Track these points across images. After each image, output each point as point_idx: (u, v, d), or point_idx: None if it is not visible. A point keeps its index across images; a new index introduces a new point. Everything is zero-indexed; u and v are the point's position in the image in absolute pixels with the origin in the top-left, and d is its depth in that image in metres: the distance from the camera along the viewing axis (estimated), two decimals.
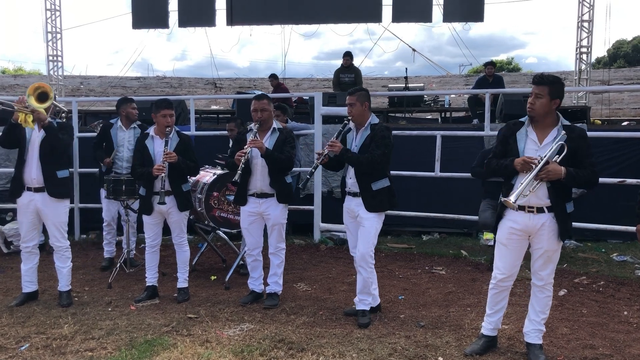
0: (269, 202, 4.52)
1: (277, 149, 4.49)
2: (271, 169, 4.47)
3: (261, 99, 4.56)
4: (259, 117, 4.50)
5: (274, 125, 4.59)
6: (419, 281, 5.38)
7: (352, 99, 4.15)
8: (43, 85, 4.39)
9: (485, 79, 10.31)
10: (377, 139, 4.07)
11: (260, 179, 4.50)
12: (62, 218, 4.59)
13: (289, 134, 4.62)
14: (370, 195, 4.07)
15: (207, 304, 4.67)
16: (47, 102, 4.35)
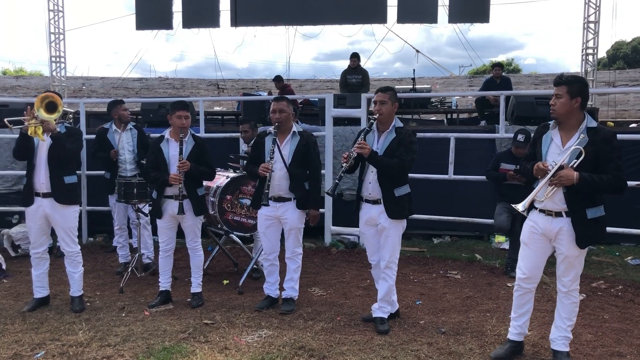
0: (286, 206, 4.44)
1: (300, 155, 4.39)
2: (293, 175, 4.37)
3: (280, 100, 4.48)
4: (277, 119, 4.41)
5: (294, 129, 4.48)
6: (435, 286, 5.30)
7: (385, 96, 3.97)
8: (51, 95, 4.29)
9: (492, 80, 10.25)
10: (405, 144, 3.96)
11: (278, 183, 4.40)
12: (71, 223, 4.52)
13: (310, 139, 4.49)
14: (393, 202, 3.97)
15: (222, 309, 4.59)
16: (55, 112, 4.25)
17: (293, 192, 4.41)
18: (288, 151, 4.43)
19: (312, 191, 4.48)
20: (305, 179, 4.49)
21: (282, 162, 4.40)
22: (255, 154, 4.58)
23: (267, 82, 18.69)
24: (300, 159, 4.43)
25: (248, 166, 4.65)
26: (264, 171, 4.33)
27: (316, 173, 4.52)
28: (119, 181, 5.36)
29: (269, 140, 4.43)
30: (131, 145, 5.87)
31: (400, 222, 4.03)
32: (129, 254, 6.00)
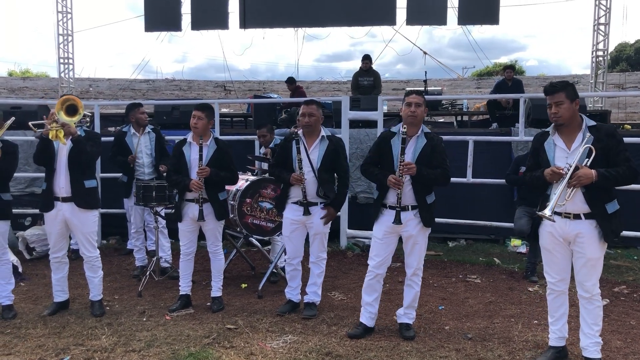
0: (313, 210, 4.39)
1: (328, 159, 4.34)
2: (321, 180, 4.33)
3: (310, 103, 4.44)
4: (307, 122, 4.37)
5: (322, 133, 4.43)
6: (455, 290, 5.26)
7: (420, 99, 3.88)
8: (72, 98, 4.23)
9: (504, 82, 10.18)
10: (440, 150, 3.89)
11: (305, 186, 4.36)
12: (91, 228, 4.48)
13: (339, 143, 4.45)
14: (425, 209, 3.89)
15: (243, 313, 4.56)
16: (76, 115, 4.20)
17: (321, 197, 4.37)
18: (317, 156, 4.38)
19: (339, 194, 4.46)
20: (333, 183, 4.45)
21: (310, 167, 4.37)
22: (282, 157, 4.53)
23: (274, 83, 18.70)
24: (329, 163, 4.39)
25: (274, 169, 4.59)
26: (296, 182, 4.31)
27: (344, 178, 4.49)
28: (138, 184, 5.32)
29: (295, 145, 4.39)
30: (149, 148, 5.83)
31: (429, 229, 3.97)
32: (146, 257, 5.96)
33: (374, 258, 4.02)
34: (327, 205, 4.40)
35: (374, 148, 4.07)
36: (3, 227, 4.41)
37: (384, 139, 4.02)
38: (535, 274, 5.62)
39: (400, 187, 3.77)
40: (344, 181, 4.49)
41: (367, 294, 4.08)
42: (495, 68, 33.91)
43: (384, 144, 3.99)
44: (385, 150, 3.96)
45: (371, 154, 4.09)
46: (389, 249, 4.00)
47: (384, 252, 4.00)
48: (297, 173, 4.33)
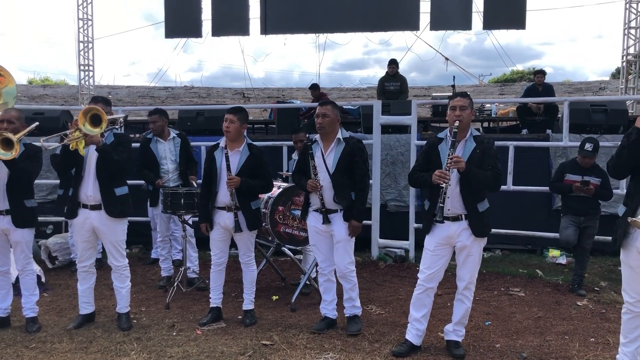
0: (333, 218, 4.12)
1: (344, 163, 4.07)
2: (337, 185, 4.07)
3: (325, 104, 4.19)
4: (320, 123, 4.11)
5: (339, 135, 4.16)
6: (499, 304, 4.96)
7: (466, 101, 3.63)
8: (95, 108, 3.97)
9: (534, 87, 9.89)
10: (492, 154, 3.63)
11: (322, 193, 4.10)
12: (120, 237, 4.28)
13: (356, 145, 4.14)
14: (477, 218, 3.62)
15: (277, 328, 4.31)
16: (100, 125, 3.94)
17: (338, 202, 4.10)
18: (332, 159, 4.11)
19: (356, 201, 4.13)
20: (351, 188, 4.15)
21: (325, 171, 4.11)
22: (302, 163, 4.31)
23: (293, 90, 18.56)
24: (345, 167, 4.09)
25: (295, 176, 4.38)
26: (312, 189, 4.09)
27: (362, 182, 4.14)
28: (165, 191, 5.11)
29: (315, 148, 4.16)
30: (174, 154, 5.64)
31: (483, 239, 3.70)
32: (172, 267, 5.75)
33: (424, 271, 3.75)
34: (347, 218, 4.09)
35: (423, 156, 3.83)
36: (28, 235, 4.22)
37: (431, 145, 3.78)
38: (583, 287, 5.31)
39: (446, 180, 3.49)
40: (361, 186, 4.14)
41: (415, 309, 3.81)
42: (512, 75, 33.56)
43: (431, 150, 3.75)
44: (433, 158, 3.72)
45: (419, 161, 3.85)
46: (441, 261, 3.72)
47: (436, 265, 3.72)
48: (313, 180, 4.10)
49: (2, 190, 4.09)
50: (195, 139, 6.83)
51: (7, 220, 4.10)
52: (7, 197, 4.09)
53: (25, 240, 4.19)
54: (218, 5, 12.55)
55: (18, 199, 4.11)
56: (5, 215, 4.10)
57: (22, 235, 4.15)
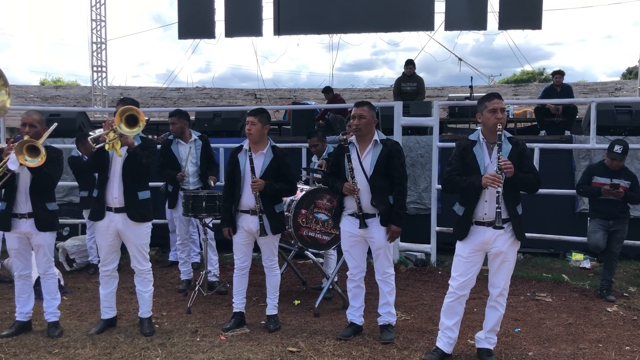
0: (370, 223, 4.01)
1: (382, 165, 3.96)
2: (375, 188, 3.97)
3: (361, 104, 4.08)
4: (356, 125, 4.01)
5: (375, 137, 4.06)
6: (527, 310, 4.85)
7: (502, 103, 3.53)
8: (132, 108, 3.91)
9: (553, 88, 9.73)
10: (527, 155, 3.54)
11: (359, 197, 3.99)
12: (144, 240, 4.21)
13: (394, 147, 4.05)
14: (517, 221, 3.53)
15: (302, 334, 4.23)
16: (137, 126, 3.88)
17: (376, 207, 4.00)
18: (369, 162, 4.00)
19: (395, 205, 4.02)
20: (389, 191, 4.06)
21: (362, 174, 4.01)
22: (335, 165, 4.20)
23: (304, 91, 18.49)
24: (383, 169, 3.99)
25: (328, 179, 4.27)
26: (349, 192, 3.97)
27: (400, 185, 4.05)
28: (187, 194, 5.04)
29: (352, 149, 4.05)
30: (194, 157, 5.57)
31: (518, 245, 3.59)
32: (191, 271, 5.68)
33: (457, 278, 3.64)
34: (386, 223, 3.99)
35: (456, 160, 3.67)
36: (50, 238, 4.16)
37: (464, 148, 3.65)
38: (612, 292, 5.18)
39: (500, 184, 3.38)
40: (400, 189, 4.04)
41: (446, 317, 3.71)
42: (522, 76, 33.33)
43: (465, 153, 3.63)
44: (468, 161, 3.60)
45: (454, 166, 3.68)
46: (474, 268, 3.62)
47: (469, 272, 3.61)
48: (350, 182, 3.99)
49: (25, 194, 4.04)
50: (213, 141, 6.75)
51: (30, 224, 4.05)
52: (30, 200, 4.03)
53: (48, 244, 4.14)
54: (231, 6, 12.50)
55: (40, 202, 4.06)
56: (28, 218, 4.05)
57: (44, 239, 4.10)
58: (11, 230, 4.06)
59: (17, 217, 4.05)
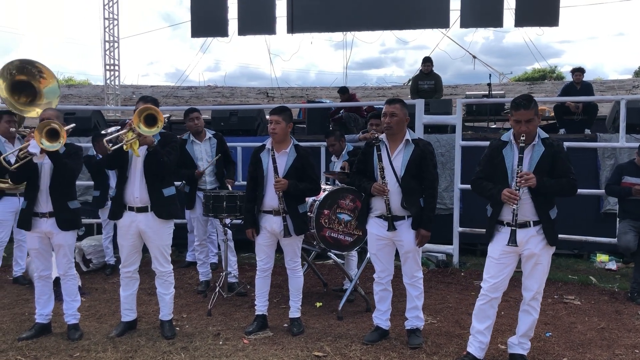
0: (399, 225, 3.88)
1: (414, 166, 3.83)
2: (406, 189, 3.84)
3: (393, 102, 3.95)
4: (388, 123, 3.88)
5: (407, 136, 3.93)
6: (556, 313, 4.72)
7: (531, 113, 3.33)
8: (151, 107, 3.82)
9: (572, 85, 9.57)
10: (563, 158, 3.38)
11: (389, 198, 3.86)
12: (166, 241, 4.12)
13: (427, 148, 3.91)
14: (550, 225, 3.39)
15: (327, 337, 4.12)
16: (155, 126, 3.79)
17: (407, 209, 3.87)
18: (400, 162, 3.87)
19: (425, 208, 3.89)
20: (420, 194, 3.93)
21: (393, 174, 3.88)
22: (363, 164, 4.07)
23: (317, 89, 18.36)
24: (415, 170, 3.85)
25: (354, 178, 4.14)
26: (378, 193, 3.84)
27: (431, 188, 3.91)
28: (207, 194, 4.95)
29: (383, 148, 3.91)
30: (210, 156, 5.48)
31: (552, 247, 3.47)
32: (210, 272, 5.59)
33: (488, 280, 3.52)
34: (416, 226, 3.87)
35: (485, 161, 3.57)
36: (71, 238, 4.09)
37: (494, 149, 3.53)
38: None
39: (515, 202, 3.28)
40: (431, 192, 3.91)
41: (478, 321, 3.58)
42: (533, 74, 33.01)
43: (495, 154, 3.51)
44: (497, 163, 3.48)
45: (482, 167, 3.59)
46: (506, 270, 3.49)
47: (501, 274, 3.48)
48: (379, 183, 3.87)
49: (45, 193, 3.96)
50: (229, 140, 6.66)
51: (51, 223, 3.97)
52: (50, 199, 3.96)
53: (68, 244, 4.06)
54: (244, 5, 12.41)
55: (61, 200, 3.99)
56: (49, 217, 3.97)
57: (65, 238, 4.02)
58: (32, 230, 3.99)
59: (37, 216, 3.98)
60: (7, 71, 4.46)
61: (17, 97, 4.61)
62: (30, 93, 4.65)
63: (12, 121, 5.14)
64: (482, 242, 6.89)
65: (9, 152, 4.44)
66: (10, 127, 5.13)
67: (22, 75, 4.60)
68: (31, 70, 4.65)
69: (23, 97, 4.59)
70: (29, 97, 4.68)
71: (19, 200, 5.37)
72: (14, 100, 4.48)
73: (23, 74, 4.59)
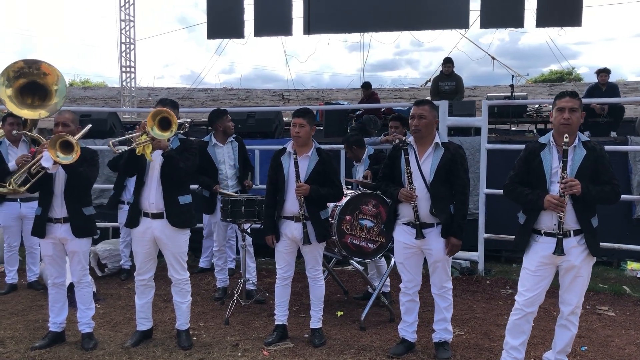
0: (428, 233, 3.69)
1: (444, 171, 3.64)
2: (435, 195, 3.65)
3: (421, 103, 3.76)
4: (415, 126, 3.69)
5: (436, 139, 3.74)
6: (590, 325, 4.49)
7: (576, 102, 3.18)
8: (165, 110, 3.68)
9: (597, 87, 9.31)
10: (606, 162, 3.17)
11: (417, 204, 3.67)
12: (182, 248, 3.97)
13: (457, 151, 3.71)
14: (592, 235, 3.18)
15: (350, 349, 3.94)
16: (170, 129, 3.66)
17: (436, 216, 3.67)
18: (429, 166, 3.68)
19: (456, 215, 3.69)
20: (450, 200, 3.74)
21: (421, 179, 3.69)
22: (390, 168, 3.88)
23: (332, 91, 18.23)
24: (444, 175, 3.66)
25: (381, 183, 3.94)
26: (406, 199, 3.65)
27: (462, 194, 3.71)
28: (225, 198, 4.80)
29: (411, 152, 3.72)
30: (232, 159, 5.33)
31: (594, 259, 3.25)
32: (228, 278, 5.44)
33: (524, 294, 3.31)
34: (445, 235, 3.67)
35: (521, 164, 3.36)
36: (85, 245, 3.96)
37: (531, 152, 3.32)
38: None
39: (563, 210, 3.08)
40: (462, 198, 3.71)
41: (512, 337, 3.38)
42: (550, 76, 32.57)
43: (532, 157, 3.30)
44: (534, 166, 3.28)
45: (517, 171, 3.37)
46: (543, 282, 3.28)
47: (538, 287, 3.27)
48: (407, 188, 3.67)
49: (60, 198, 3.84)
50: (247, 142, 6.51)
51: (65, 229, 3.84)
52: (65, 204, 3.83)
53: (83, 250, 3.93)
54: (261, 6, 12.31)
55: (76, 206, 3.86)
56: (63, 223, 3.84)
57: (79, 245, 3.89)
58: (46, 236, 3.87)
59: (52, 222, 3.85)
60: (12, 73, 4.33)
61: (26, 99, 4.48)
62: (41, 94, 4.52)
63: (16, 124, 5.05)
64: (506, 249, 6.67)
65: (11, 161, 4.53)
66: (13, 130, 5.03)
67: (30, 77, 4.46)
68: (39, 70, 4.50)
69: (30, 99, 4.46)
70: (38, 98, 4.54)
71: (19, 205, 5.29)
72: (18, 102, 4.34)
73: (31, 75, 4.45)
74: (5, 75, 4.25)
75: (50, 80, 4.36)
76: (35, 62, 4.36)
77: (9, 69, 4.27)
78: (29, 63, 4.33)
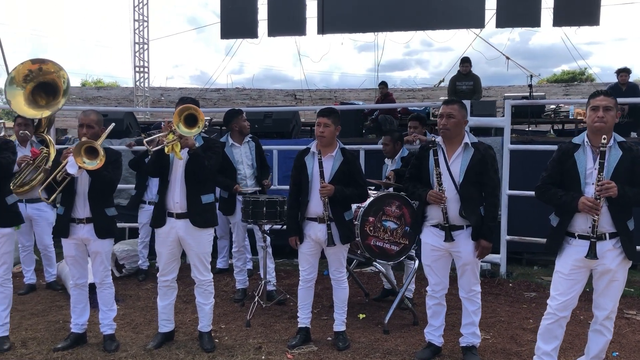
0: (458, 235, 3.60)
1: (474, 172, 3.54)
2: (465, 197, 3.56)
3: (450, 102, 3.66)
4: (444, 125, 3.60)
5: (466, 140, 3.64)
6: (619, 330, 4.38)
7: (611, 101, 3.10)
8: (191, 107, 3.63)
9: (617, 87, 9.19)
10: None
11: (446, 206, 3.59)
12: (206, 248, 3.93)
13: (487, 152, 3.61)
14: (628, 238, 3.10)
15: (375, 353, 3.87)
16: (196, 126, 3.61)
17: (466, 218, 3.58)
18: (459, 167, 3.59)
19: (486, 217, 3.59)
20: (480, 201, 3.65)
21: (450, 181, 3.60)
22: (417, 169, 3.80)
23: (345, 91, 18.15)
24: (474, 176, 3.56)
25: (408, 184, 3.86)
26: (435, 201, 3.56)
27: (493, 196, 3.62)
28: (246, 199, 4.75)
29: (440, 153, 3.64)
30: (250, 159, 5.28)
31: (630, 262, 3.17)
32: (247, 279, 5.38)
33: (557, 297, 3.23)
34: (476, 237, 3.58)
35: (554, 165, 3.27)
36: (108, 245, 3.92)
37: (564, 153, 3.24)
38: None
39: (598, 213, 2.99)
40: (492, 200, 3.62)
41: (544, 342, 3.30)
42: (562, 76, 32.29)
43: (565, 158, 3.22)
44: (567, 168, 3.19)
45: (550, 172, 3.29)
46: (577, 286, 3.20)
47: (571, 291, 3.20)
48: (436, 190, 3.60)
49: (83, 198, 3.79)
50: (264, 142, 6.47)
51: (88, 229, 3.80)
52: (88, 205, 3.79)
53: (105, 251, 3.89)
54: (274, 6, 12.27)
55: (99, 207, 3.81)
56: (86, 224, 3.80)
57: (102, 246, 3.85)
58: (69, 237, 3.83)
59: (75, 222, 3.81)
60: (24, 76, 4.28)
61: (40, 100, 4.43)
62: (52, 94, 4.47)
63: (24, 124, 5.01)
64: (528, 251, 6.58)
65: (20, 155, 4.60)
66: (20, 130, 5.00)
67: (44, 77, 4.41)
68: (51, 71, 4.46)
69: (44, 100, 4.42)
70: (51, 97, 4.49)
71: (25, 206, 5.19)
72: (29, 102, 4.31)
73: (46, 75, 4.40)
74: (18, 77, 4.24)
75: (60, 80, 4.33)
76: (43, 62, 4.34)
77: (20, 72, 4.26)
78: (38, 62, 4.32)
